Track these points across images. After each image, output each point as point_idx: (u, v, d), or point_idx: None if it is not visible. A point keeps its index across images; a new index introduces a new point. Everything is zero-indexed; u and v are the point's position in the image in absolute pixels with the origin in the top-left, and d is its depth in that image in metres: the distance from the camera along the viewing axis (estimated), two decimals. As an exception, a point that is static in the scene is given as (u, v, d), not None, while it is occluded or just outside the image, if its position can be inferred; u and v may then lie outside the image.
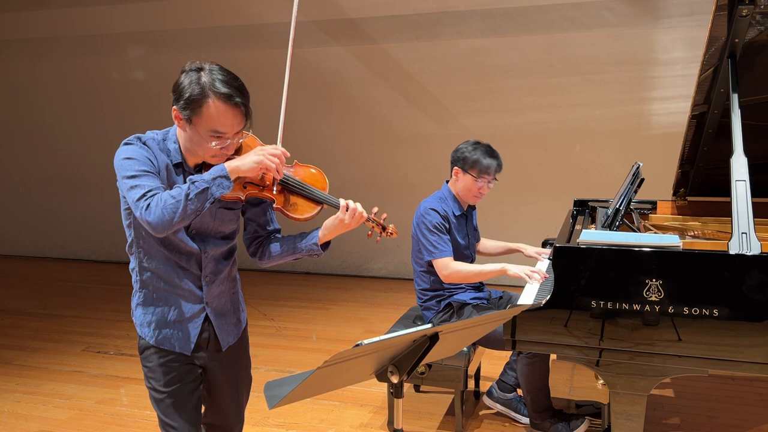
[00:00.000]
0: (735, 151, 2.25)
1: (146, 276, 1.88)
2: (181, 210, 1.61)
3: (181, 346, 1.87)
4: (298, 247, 1.90)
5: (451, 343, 1.52)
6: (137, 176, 1.68)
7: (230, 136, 1.72)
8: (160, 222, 1.61)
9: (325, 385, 1.38)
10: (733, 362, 2.04)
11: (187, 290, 1.87)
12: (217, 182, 1.66)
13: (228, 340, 1.97)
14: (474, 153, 2.90)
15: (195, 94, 1.66)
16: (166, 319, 1.87)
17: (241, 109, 1.69)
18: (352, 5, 5.86)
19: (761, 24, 2.34)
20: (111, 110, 6.95)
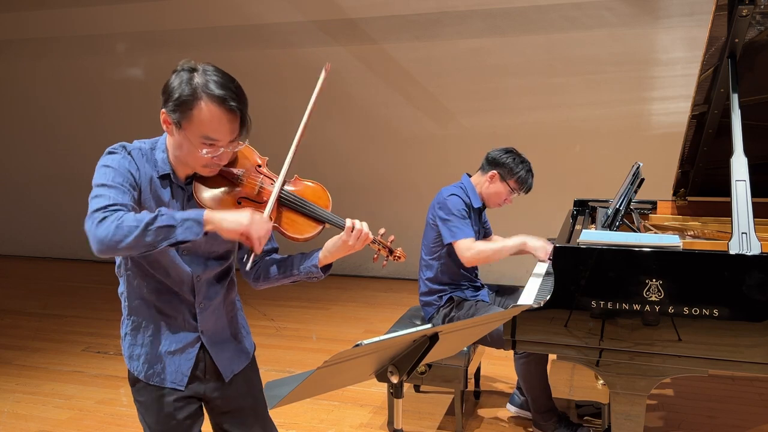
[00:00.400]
0: (735, 151, 2.24)
1: (136, 302, 1.70)
2: (135, 237, 1.40)
3: (173, 380, 1.71)
4: (296, 270, 1.74)
5: (451, 343, 1.52)
6: (108, 186, 1.51)
7: (224, 144, 1.55)
8: (106, 240, 1.39)
9: (325, 385, 1.38)
10: (733, 362, 2.04)
11: (180, 318, 1.71)
12: (187, 225, 1.44)
13: (232, 369, 1.81)
14: (520, 167, 2.97)
15: (185, 94, 1.50)
16: (157, 351, 1.70)
17: (236, 114, 1.52)
18: (352, 5, 5.86)
19: (761, 24, 2.34)
20: (111, 110, 6.95)
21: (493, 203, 3.06)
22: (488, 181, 3.00)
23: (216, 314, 1.77)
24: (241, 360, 1.85)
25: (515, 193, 3.01)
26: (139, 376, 1.73)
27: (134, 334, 1.73)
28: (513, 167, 2.96)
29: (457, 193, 2.96)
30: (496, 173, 2.98)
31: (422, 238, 3.10)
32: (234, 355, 1.82)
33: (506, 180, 2.97)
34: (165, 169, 1.62)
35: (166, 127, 1.58)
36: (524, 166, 2.99)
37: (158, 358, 1.71)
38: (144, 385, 1.73)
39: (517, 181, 2.97)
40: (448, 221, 2.90)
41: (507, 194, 3.00)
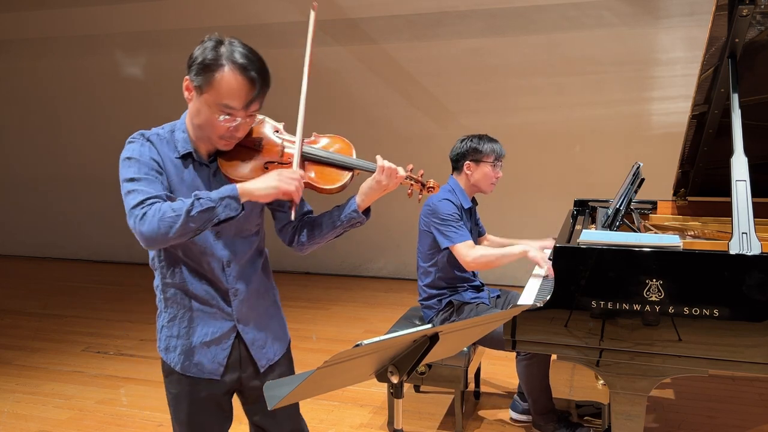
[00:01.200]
0: (735, 151, 2.24)
1: (170, 293, 1.71)
2: (179, 226, 1.46)
3: (210, 370, 1.72)
4: (337, 221, 1.73)
5: (451, 344, 1.52)
6: (136, 179, 1.54)
7: (241, 115, 1.58)
8: (153, 235, 1.46)
9: (325, 385, 1.37)
10: (733, 362, 2.04)
11: (215, 306, 1.71)
12: (225, 203, 1.50)
13: (267, 358, 1.80)
14: (482, 143, 2.97)
15: (209, 59, 1.53)
16: (193, 341, 1.70)
17: (255, 84, 1.55)
18: (352, 5, 5.86)
19: (761, 24, 2.34)
20: (111, 110, 6.95)
21: (487, 186, 3.03)
22: (467, 173, 3.00)
23: (251, 302, 1.76)
24: (276, 350, 1.84)
25: (498, 166, 3.01)
26: (175, 368, 1.72)
27: (170, 326, 1.72)
28: (476, 146, 2.97)
29: (446, 197, 2.95)
30: (469, 162, 2.99)
31: (417, 246, 3.08)
32: (269, 345, 1.81)
33: (481, 160, 2.97)
34: (186, 147, 1.64)
35: (188, 93, 1.61)
36: (484, 140, 2.99)
37: (194, 349, 1.71)
38: (179, 377, 1.73)
39: (489, 153, 2.97)
40: (443, 226, 2.90)
41: (491, 171, 2.99)
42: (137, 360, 4.15)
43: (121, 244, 7.15)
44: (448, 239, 2.88)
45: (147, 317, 5.04)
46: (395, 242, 6.12)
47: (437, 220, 2.91)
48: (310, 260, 6.37)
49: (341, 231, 1.76)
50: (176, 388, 1.74)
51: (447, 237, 2.89)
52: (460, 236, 2.88)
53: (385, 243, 6.18)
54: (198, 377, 1.72)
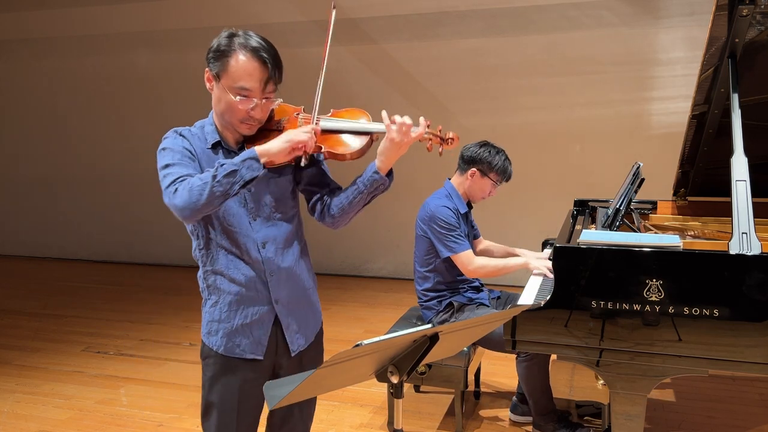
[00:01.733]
0: (735, 151, 2.24)
1: (210, 280, 1.78)
2: (208, 192, 1.54)
3: (252, 350, 1.78)
4: (361, 185, 1.76)
5: (451, 344, 1.52)
6: (170, 165, 1.65)
7: (257, 95, 1.66)
8: (186, 205, 1.55)
9: (325, 385, 1.37)
10: (733, 362, 2.04)
11: (253, 289, 1.77)
12: (247, 164, 1.58)
13: (299, 344, 1.85)
14: (497, 159, 2.96)
15: (224, 45, 1.65)
16: (234, 324, 1.77)
17: (267, 65, 1.65)
18: (352, 5, 5.86)
19: (761, 24, 2.34)
20: (111, 110, 6.95)
21: (478, 198, 3.05)
22: (469, 179, 3.00)
23: (288, 285, 1.82)
24: (308, 336, 1.89)
25: (497, 186, 3.02)
26: (219, 350, 1.77)
27: (212, 311, 1.79)
28: (491, 160, 2.95)
29: (444, 204, 2.94)
30: (476, 170, 2.97)
31: (414, 251, 3.07)
32: (302, 330, 1.87)
33: (487, 174, 2.97)
34: (215, 137, 1.74)
35: (209, 84, 1.71)
36: (500, 156, 2.98)
37: (236, 331, 1.77)
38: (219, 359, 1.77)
39: (498, 172, 2.97)
40: (442, 235, 2.89)
41: (490, 187, 3.01)
42: (137, 360, 4.15)
43: (121, 244, 7.15)
44: (450, 249, 2.89)
45: (147, 317, 5.05)
46: (395, 242, 6.11)
47: (437, 228, 2.90)
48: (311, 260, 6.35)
49: (368, 197, 1.78)
50: (212, 370, 1.79)
51: (448, 247, 2.89)
52: (461, 246, 2.89)
53: (385, 243, 6.18)
54: (241, 357, 1.77)
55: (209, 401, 1.81)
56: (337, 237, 6.33)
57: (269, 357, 1.81)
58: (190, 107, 6.86)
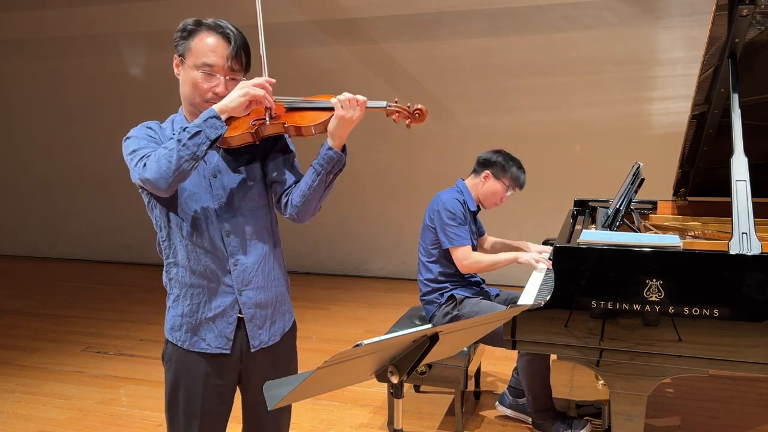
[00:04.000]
0: (735, 151, 2.24)
1: (173, 273, 1.74)
2: (176, 157, 1.52)
3: (217, 345, 1.72)
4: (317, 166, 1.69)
5: (451, 343, 1.52)
6: (135, 150, 1.65)
7: (221, 71, 1.65)
8: (158, 175, 1.53)
9: (325, 385, 1.37)
10: (733, 362, 2.04)
11: (215, 281, 1.71)
12: (209, 123, 1.56)
13: (261, 340, 1.77)
14: (510, 164, 3.06)
15: (188, 26, 1.68)
16: (198, 318, 1.72)
17: (229, 39, 1.66)
18: (352, 5, 5.86)
19: (761, 24, 2.34)
20: (111, 110, 6.95)
21: (490, 203, 3.11)
22: (482, 181, 3.07)
23: (253, 277, 1.75)
24: (273, 334, 1.81)
25: (510, 191, 3.08)
26: (183, 345, 1.74)
27: (175, 306, 1.76)
28: (504, 165, 3.04)
29: (455, 197, 3.02)
30: (489, 173, 3.06)
31: (419, 240, 3.12)
32: (267, 327, 1.79)
33: (500, 178, 3.05)
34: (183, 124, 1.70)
35: (176, 69, 1.71)
36: (515, 163, 3.07)
37: (200, 325, 1.73)
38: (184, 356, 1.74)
39: (511, 177, 3.05)
40: (446, 226, 2.96)
41: (502, 192, 3.07)
42: (137, 360, 4.15)
43: (121, 244, 7.15)
44: (450, 240, 2.94)
45: (147, 317, 5.05)
46: (395, 242, 6.11)
47: (444, 217, 2.96)
48: (310, 260, 6.37)
49: (326, 178, 1.71)
50: (175, 370, 1.76)
51: (449, 238, 2.95)
52: (461, 240, 2.94)
53: (385, 243, 6.18)
54: (207, 352, 1.73)
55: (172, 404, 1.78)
56: (338, 237, 6.33)
57: (236, 351, 1.75)
58: (190, 107, 6.85)
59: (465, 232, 2.97)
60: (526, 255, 2.97)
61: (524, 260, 2.95)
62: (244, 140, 1.68)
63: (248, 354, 1.77)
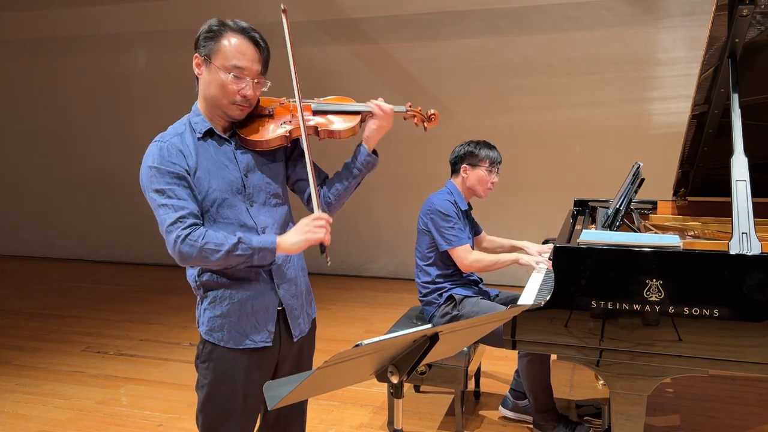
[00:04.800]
0: (735, 151, 2.24)
1: (206, 277, 1.74)
2: (217, 260, 1.61)
3: (262, 338, 1.77)
4: (354, 168, 1.85)
5: (451, 344, 1.52)
6: (165, 192, 1.62)
7: (250, 74, 1.68)
8: (192, 259, 1.61)
9: (325, 385, 1.37)
10: (733, 362, 2.04)
11: (254, 277, 1.75)
12: (262, 254, 1.66)
13: (301, 329, 1.86)
14: (479, 148, 3.05)
15: (214, 27, 1.69)
16: (240, 316, 1.74)
17: (259, 45, 1.70)
18: (352, 5, 5.86)
19: (761, 24, 2.34)
20: (111, 110, 6.95)
21: (483, 191, 3.09)
22: (464, 176, 3.08)
23: (288, 270, 1.83)
24: (307, 322, 1.91)
25: (493, 172, 3.07)
26: (227, 345, 1.75)
27: (212, 308, 1.76)
28: (473, 151, 3.05)
29: (446, 198, 3.02)
30: (465, 165, 3.06)
31: (415, 245, 3.12)
32: (303, 316, 1.89)
33: (477, 165, 3.05)
34: (205, 125, 1.73)
35: (198, 69, 1.71)
36: (480, 145, 3.06)
37: (242, 322, 1.75)
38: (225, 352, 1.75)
39: (485, 159, 3.04)
40: (442, 228, 2.96)
41: (487, 176, 3.05)
42: (137, 360, 4.15)
43: (121, 244, 7.15)
44: (448, 242, 2.94)
45: (147, 317, 5.05)
46: (395, 242, 6.11)
47: (437, 220, 2.96)
48: (310, 260, 6.35)
49: (360, 178, 1.88)
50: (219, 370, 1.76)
51: (446, 240, 2.95)
52: (459, 240, 2.95)
53: (385, 243, 6.18)
54: (252, 348, 1.76)
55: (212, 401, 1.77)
56: (338, 237, 6.31)
57: (276, 343, 1.81)
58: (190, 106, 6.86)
59: (461, 231, 2.98)
60: (527, 257, 2.98)
61: (525, 262, 2.96)
62: (278, 143, 1.78)
63: (288, 344, 1.84)
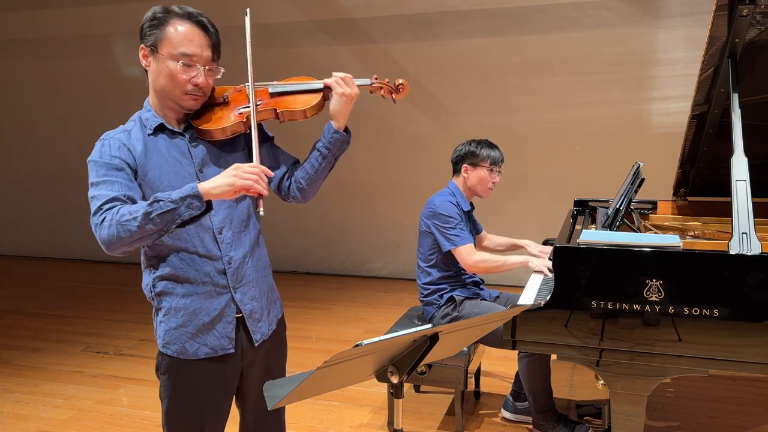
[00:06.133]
0: (735, 151, 2.24)
1: (160, 287, 1.67)
2: (137, 229, 1.44)
3: (222, 346, 1.69)
4: (323, 148, 1.73)
5: (451, 344, 1.52)
6: (95, 184, 1.54)
7: (200, 61, 1.59)
8: (112, 239, 1.46)
9: (325, 385, 1.37)
10: (733, 362, 2.04)
11: (209, 282, 1.66)
12: (187, 202, 1.46)
13: (262, 332, 1.77)
14: (480, 148, 3.04)
15: (159, 14, 1.59)
16: (195, 326, 1.66)
17: (207, 29, 1.61)
18: (352, 5, 5.86)
19: (761, 24, 2.34)
20: (111, 110, 6.94)
21: (484, 191, 3.09)
22: (465, 176, 3.07)
23: (246, 271, 1.73)
24: (271, 323, 1.83)
25: (495, 172, 3.06)
26: (183, 357, 1.67)
27: (167, 320, 1.68)
28: (474, 151, 3.04)
29: (447, 200, 3.01)
30: (466, 165, 3.06)
31: (417, 247, 3.12)
32: (264, 318, 1.79)
33: (478, 164, 3.04)
34: (156, 120, 1.64)
35: (145, 61, 1.64)
36: (482, 145, 3.05)
37: (198, 332, 1.67)
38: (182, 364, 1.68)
39: (486, 159, 3.03)
40: (444, 229, 2.94)
41: (488, 176, 3.05)
42: (137, 360, 4.15)
43: (121, 244, 7.15)
44: (451, 242, 2.93)
45: (147, 317, 5.03)
46: (395, 242, 6.11)
47: (439, 222, 2.95)
48: (310, 260, 6.37)
49: (332, 159, 1.76)
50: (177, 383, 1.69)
51: (449, 240, 2.93)
52: (463, 240, 2.93)
53: (385, 243, 6.18)
54: (211, 357, 1.69)
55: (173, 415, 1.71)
56: (338, 237, 6.33)
57: (238, 348, 1.73)
58: (190, 107, 6.86)
59: (464, 231, 2.97)
60: (537, 261, 2.89)
61: (534, 266, 2.86)
62: (235, 130, 1.66)
63: (250, 349, 1.76)
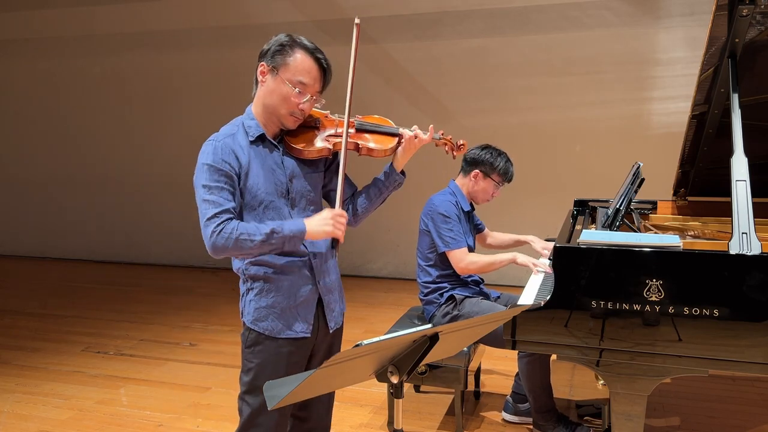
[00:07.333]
0: (735, 151, 2.24)
1: (253, 270, 1.88)
2: (249, 249, 1.73)
3: (303, 329, 1.90)
4: (383, 187, 2.02)
5: (451, 343, 1.52)
6: (211, 188, 1.75)
7: (311, 91, 1.82)
8: (223, 249, 1.72)
9: (325, 385, 1.37)
10: (733, 362, 2.04)
11: (297, 272, 1.89)
12: (294, 242, 1.79)
13: (336, 321, 2.02)
14: (498, 160, 3.04)
15: (285, 42, 1.80)
16: (285, 307, 1.88)
17: (324, 66, 1.84)
18: (352, 5, 5.86)
19: (761, 24, 2.34)
20: (111, 110, 6.95)
21: (482, 200, 3.11)
22: (472, 180, 3.07)
23: (325, 265, 1.97)
24: (340, 314, 2.07)
25: (501, 186, 3.08)
26: (271, 334, 1.87)
27: (258, 299, 1.89)
28: (492, 162, 3.03)
29: (448, 200, 3.01)
30: (478, 172, 3.05)
31: (417, 245, 3.12)
32: (338, 309, 2.05)
33: (489, 176, 3.04)
34: (258, 130, 1.85)
35: (262, 77, 1.84)
36: (502, 158, 3.05)
37: (286, 313, 1.88)
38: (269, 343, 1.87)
39: (500, 173, 3.04)
40: (441, 230, 2.95)
41: (493, 189, 3.07)
42: (137, 360, 4.15)
43: (121, 244, 7.15)
44: (445, 244, 2.94)
45: (147, 317, 5.05)
46: (395, 242, 6.11)
47: (437, 221, 2.96)
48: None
49: (387, 195, 2.06)
50: (262, 356, 1.88)
51: (444, 241, 2.94)
52: (457, 242, 2.94)
53: (385, 243, 6.18)
54: (292, 338, 1.89)
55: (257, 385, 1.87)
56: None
57: (314, 334, 1.94)
58: (190, 107, 6.87)
59: (460, 234, 2.96)
60: (524, 257, 2.92)
61: (522, 261, 2.91)
62: (322, 154, 1.92)
63: (324, 335, 1.99)
